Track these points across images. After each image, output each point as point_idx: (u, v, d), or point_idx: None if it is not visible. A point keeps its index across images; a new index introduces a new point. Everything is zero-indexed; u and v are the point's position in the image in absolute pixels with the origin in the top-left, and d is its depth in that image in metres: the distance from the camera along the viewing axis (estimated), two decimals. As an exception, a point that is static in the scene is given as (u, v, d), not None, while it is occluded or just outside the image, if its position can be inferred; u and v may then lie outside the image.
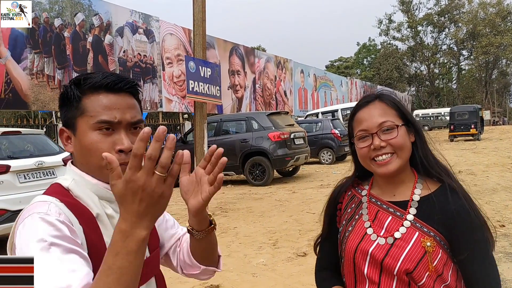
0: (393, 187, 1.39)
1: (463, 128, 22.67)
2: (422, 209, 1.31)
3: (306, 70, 28.71)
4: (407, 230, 1.30)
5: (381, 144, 1.31)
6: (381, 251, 1.30)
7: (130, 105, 1.12)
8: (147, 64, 15.25)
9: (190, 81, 6.86)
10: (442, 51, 60.07)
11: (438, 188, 1.33)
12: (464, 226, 1.25)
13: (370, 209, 1.40)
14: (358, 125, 1.37)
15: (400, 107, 1.39)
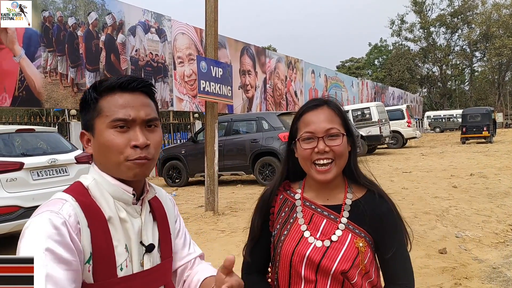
0: (327, 191, 1.46)
1: (475, 131, 22.46)
2: (353, 212, 1.41)
3: (317, 70, 28.64)
4: (343, 232, 1.38)
5: (325, 149, 1.37)
6: (318, 254, 1.36)
7: (144, 103, 1.16)
8: (158, 63, 15.34)
9: (202, 81, 6.89)
10: (455, 53, 59.49)
11: (365, 193, 1.45)
12: (389, 227, 1.39)
13: (305, 212, 1.45)
14: (305, 126, 1.41)
15: (345, 117, 1.46)
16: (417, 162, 14.88)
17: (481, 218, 6.41)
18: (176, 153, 12.15)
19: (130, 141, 1.11)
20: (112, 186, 1.13)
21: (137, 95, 1.15)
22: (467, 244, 5.31)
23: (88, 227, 1.05)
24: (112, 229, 1.10)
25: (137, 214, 1.18)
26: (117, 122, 1.11)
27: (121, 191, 1.14)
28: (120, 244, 1.10)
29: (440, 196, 7.95)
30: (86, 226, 1.04)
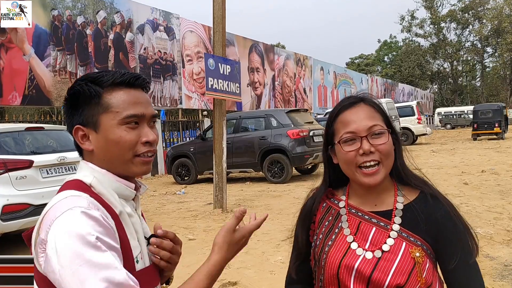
0: (374, 196, 1.32)
1: (487, 127, 22.19)
2: (406, 218, 1.26)
3: (326, 67, 28.52)
4: (395, 241, 1.24)
5: (370, 149, 1.23)
6: (369, 266, 1.22)
7: (148, 100, 1.18)
8: (167, 61, 15.37)
9: (210, 78, 6.88)
10: (466, 48, 58.86)
11: (418, 196, 1.30)
12: (449, 233, 1.23)
13: (351, 221, 1.32)
14: (344, 127, 1.28)
15: (385, 112, 1.34)
16: (428, 159, 14.74)
17: (492, 215, 6.33)
18: (185, 151, 12.17)
19: (141, 138, 1.12)
20: (115, 183, 1.12)
21: (140, 91, 1.16)
22: (479, 241, 5.23)
23: (112, 219, 1.05)
24: (124, 224, 1.09)
25: (134, 209, 1.18)
26: (130, 118, 1.10)
27: (124, 187, 1.13)
28: (132, 237, 1.10)
29: (451, 193, 7.86)
30: (111, 218, 1.04)
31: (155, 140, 1.14)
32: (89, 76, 1.14)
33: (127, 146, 1.10)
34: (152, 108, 1.17)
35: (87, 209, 0.98)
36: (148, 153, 1.13)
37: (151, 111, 1.15)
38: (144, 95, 1.17)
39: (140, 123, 1.12)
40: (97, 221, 0.96)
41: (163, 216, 7.35)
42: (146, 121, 1.14)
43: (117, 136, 1.09)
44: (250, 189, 10.14)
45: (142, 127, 1.13)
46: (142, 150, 1.11)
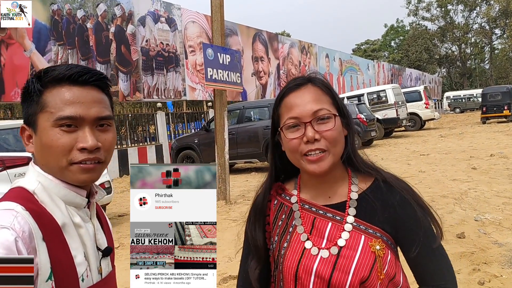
0: (327, 187, 1.21)
1: (496, 110, 21.87)
2: (362, 208, 1.17)
3: (331, 54, 28.21)
4: (351, 234, 1.14)
5: (315, 136, 1.11)
6: (327, 266, 1.11)
7: (96, 100, 1.03)
8: (169, 53, 15.25)
9: (209, 69, 6.77)
10: (474, 31, 57.95)
11: (372, 183, 1.20)
12: (408, 219, 1.14)
13: (305, 218, 1.20)
14: (288, 111, 1.16)
15: (335, 94, 1.21)
16: (436, 144, 14.56)
17: (501, 200, 6.18)
18: (189, 143, 12.12)
19: (77, 143, 0.98)
20: (62, 190, 1.01)
21: (88, 89, 1.02)
22: (487, 227, 5.11)
23: (44, 240, 0.92)
24: (68, 237, 0.98)
25: (87, 218, 1.07)
26: (63, 120, 0.97)
27: (74, 194, 1.02)
28: (79, 252, 0.99)
29: (459, 178, 7.72)
30: (41, 239, 0.91)
31: (95, 145, 0.99)
32: (42, 70, 1.04)
33: (59, 151, 0.97)
34: (100, 108, 1.03)
35: (8, 230, 0.86)
36: (86, 161, 0.99)
37: (95, 113, 1.01)
38: (92, 93, 1.02)
39: (80, 126, 0.99)
40: (8, 250, 0.84)
41: (167, 209, 7.31)
42: (88, 124, 1.00)
43: (49, 139, 0.98)
44: (255, 180, 10.06)
45: (81, 130, 0.99)
46: (78, 158, 0.98)
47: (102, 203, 6.05)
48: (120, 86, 13.07)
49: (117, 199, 8.80)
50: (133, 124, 15.24)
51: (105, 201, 6.10)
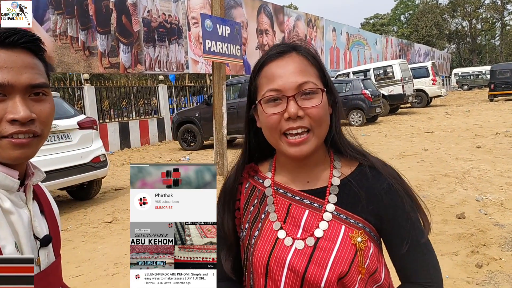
0: (306, 171, 1.07)
1: (504, 87, 21.43)
2: (344, 196, 1.04)
3: (338, 28, 27.64)
4: (330, 224, 1.01)
5: (298, 113, 0.97)
6: (302, 259, 0.99)
7: (28, 65, 0.89)
8: (172, 24, 14.94)
9: (207, 41, 6.56)
10: (485, 6, 56.66)
11: (356, 168, 1.07)
12: (396, 210, 1.02)
13: (279, 203, 1.07)
14: (268, 82, 1.01)
15: (323, 66, 1.05)
16: (441, 121, 14.33)
17: (504, 180, 6.03)
18: (190, 117, 11.98)
19: (7, 114, 0.85)
20: None
21: (18, 53, 0.88)
22: (488, 208, 4.99)
23: None
24: None
25: (22, 202, 0.93)
26: None
27: (3, 176, 0.89)
28: (8, 242, 0.86)
29: (462, 157, 7.56)
30: None
31: (28, 117, 0.86)
32: None
33: None
34: (33, 74, 0.89)
35: None
36: (18, 134, 0.86)
37: (26, 79, 0.87)
38: (22, 57, 0.89)
39: (10, 95, 0.86)
40: None
41: (164, 184, 7.23)
42: (19, 92, 0.87)
43: None
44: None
45: (11, 100, 0.86)
46: (8, 131, 0.86)
47: (96, 176, 5.97)
48: (121, 57, 12.85)
49: (115, 172, 8.75)
50: (136, 97, 15.07)
51: (100, 174, 6.00)
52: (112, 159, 10.58)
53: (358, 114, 14.96)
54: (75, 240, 4.69)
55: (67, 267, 3.86)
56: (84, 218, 5.48)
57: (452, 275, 3.43)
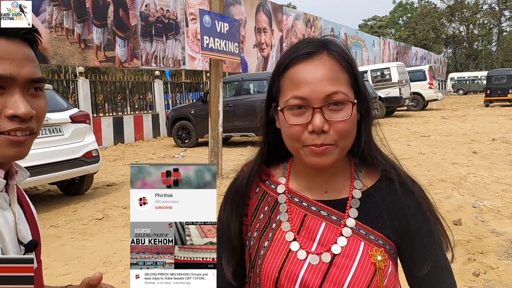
0: (324, 180, 0.98)
1: (500, 93, 21.50)
2: (364, 209, 0.95)
3: (337, 29, 27.61)
4: (349, 240, 0.93)
5: (323, 127, 0.86)
6: (317, 276, 0.91)
7: (28, 57, 0.82)
8: (170, 19, 14.81)
9: (205, 37, 6.46)
10: (483, 11, 56.90)
11: (379, 180, 0.99)
12: (421, 229, 0.95)
13: (293, 213, 0.98)
14: (293, 87, 0.90)
15: (356, 70, 0.93)
16: (437, 125, 14.31)
17: (501, 186, 5.99)
18: (186, 113, 11.89)
19: (5, 109, 0.78)
20: None
21: (18, 44, 0.81)
22: (485, 215, 4.93)
23: None
24: None
25: (6, 204, 0.85)
26: None
27: None
28: None
29: (459, 162, 7.51)
30: None
31: (29, 113, 0.79)
32: None
33: None
34: (33, 68, 0.82)
35: None
36: (16, 131, 0.79)
37: (27, 73, 0.80)
38: (23, 49, 0.81)
39: (9, 89, 0.79)
40: None
41: (157, 181, 7.12)
42: (19, 86, 0.79)
43: None
44: (250, 154, 9.86)
45: (10, 94, 0.79)
46: (7, 127, 0.79)
47: (88, 172, 5.86)
48: (117, 51, 12.71)
49: (108, 167, 8.63)
50: (131, 92, 14.93)
51: (92, 170, 5.89)
52: (105, 154, 10.46)
53: (354, 115, 14.89)
54: (63, 237, 4.58)
55: (54, 265, 3.76)
56: (74, 214, 5.36)
57: (448, 284, 3.37)
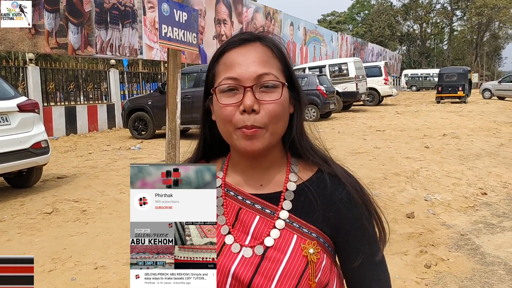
0: (260, 173, 0.98)
1: (451, 90, 22.38)
2: (299, 202, 0.96)
3: (296, 23, 27.77)
4: (281, 233, 0.93)
5: (253, 106, 0.88)
6: (249, 269, 0.91)
7: None
8: (126, 7, 14.36)
9: (163, 26, 6.25)
10: (436, 10, 58.97)
11: (314, 174, 0.99)
12: (354, 222, 0.96)
13: (228, 207, 0.98)
14: (226, 70, 0.92)
15: (288, 60, 0.97)
16: (392, 120, 14.70)
17: (451, 180, 6.21)
18: (143, 104, 11.59)
19: None
20: None
21: None
22: (436, 208, 5.10)
23: None
24: None
25: None
26: None
27: None
28: None
29: (412, 156, 7.73)
30: None
31: None
32: None
33: None
34: None
35: None
36: None
37: None
38: None
39: None
40: None
41: (112, 173, 6.89)
42: None
43: None
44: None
45: None
46: None
47: (37, 163, 5.57)
48: (70, 38, 12.19)
49: (59, 159, 8.28)
50: (84, 81, 14.38)
51: (41, 161, 5.61)
52: (56, 145, 10.04)
53: (312, 109, 15.06)
54: (10, 232, 4.34)
55: (-2, 262, 3.54)
56: (21, 208, 5.09)
57: (402, 275, 3.44)
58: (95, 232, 4.32)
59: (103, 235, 4.22)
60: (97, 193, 5.67)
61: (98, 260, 3.64)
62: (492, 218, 4.84)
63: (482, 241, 4.19)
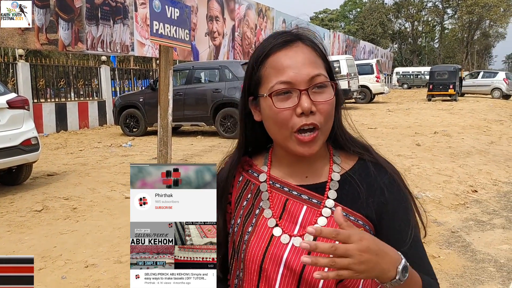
0: (305, 166, 1.01)
1: (442, 88, 22.48)
2: (344, 191, 0.98)
3: (288, 20, 27.73)
4: (329, 220, 0.95)
5: (311, 108, 0.89)
6: (300, 256, 0.91)
7: None
8: (117, 3, 14.22)
9: (155, 22, 6.23)
10: (427, 9, 59.29)
11: (356, 163, 1.02)
12: (399, 204, 0.97)
13: (274, 199, 1.00)
14: (277, 74, 0.92)
15: (328, 56, 0.98)
16: (383, 118, 14.76)
17: (442, 178, 6.26)
18: (134, 101, 11.52)
19: None
20: None
21: None
22: (427, 205, 5.12)
23: None
24: None
25: None
26: None
27: None
28: None
29: (403, 154, 7.77)
30: None
31: None
32: None
33: None
34: None
35: None
36: None
37: None
38: None
39: None
40: None
41: (103, 171, 6.85)
42: None
43: None
44: (200, 144, 9.73)
45: None
46: None
47: (27, 160, 5.51)
48: (60, 34, 12.06)
49: (49, 156, 8.20)
50: (75, 77, 14.24)
51: (30, 159, 5.55)
52: (47, 142, 9.95)
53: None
54: (-1, 230, 4.29)
55: (-13, 260, 3.50)
56: (10, 206, 5.04)
57: (393, 273, 3.45)
58: (86, 230, 4.29)
59: (93, 233, 4.19)
60: (88, 191, 5.63)
61: (88, 258, 3.61)
62: (483, 216, 4.88)
63: (472, 238, 4.22)
